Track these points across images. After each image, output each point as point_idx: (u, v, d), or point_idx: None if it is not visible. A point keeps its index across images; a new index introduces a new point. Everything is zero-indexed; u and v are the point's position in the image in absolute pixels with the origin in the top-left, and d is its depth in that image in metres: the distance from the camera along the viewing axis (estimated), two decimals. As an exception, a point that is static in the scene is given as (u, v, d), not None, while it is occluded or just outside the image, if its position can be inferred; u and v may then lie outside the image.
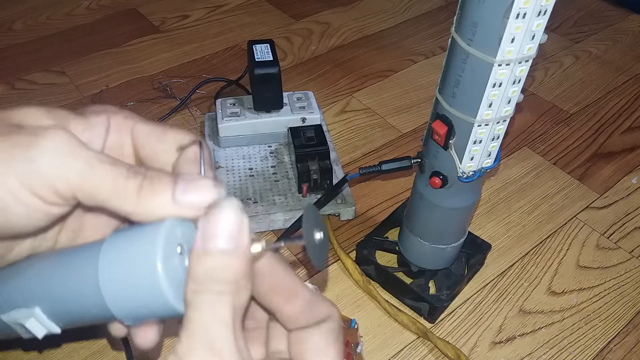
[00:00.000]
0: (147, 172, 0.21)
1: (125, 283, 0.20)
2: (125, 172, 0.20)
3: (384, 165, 0.43)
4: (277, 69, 0.55)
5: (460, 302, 0.49)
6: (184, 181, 0.21)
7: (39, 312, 0.22)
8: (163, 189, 0.20)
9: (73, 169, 0.20)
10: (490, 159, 0.37)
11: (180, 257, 0.21)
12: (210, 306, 0.19)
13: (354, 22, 0.86)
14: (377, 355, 0.45)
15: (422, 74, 0.76)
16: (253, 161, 0.58)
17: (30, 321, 0.22)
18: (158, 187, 0.20)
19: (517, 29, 0.29)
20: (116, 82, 0.72)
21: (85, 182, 0.20)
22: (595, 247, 0.54)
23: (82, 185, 0.20)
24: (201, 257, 0.19)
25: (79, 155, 0.20)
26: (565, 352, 0.45)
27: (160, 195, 0.20)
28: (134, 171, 0.20)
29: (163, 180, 0.20)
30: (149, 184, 0.20)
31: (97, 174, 0.20)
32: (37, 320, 0.22)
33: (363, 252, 0.49)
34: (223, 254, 0.19)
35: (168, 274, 0.20)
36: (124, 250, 0.20)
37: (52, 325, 0.23)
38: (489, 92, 0.32)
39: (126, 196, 0.20)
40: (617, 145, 0.66)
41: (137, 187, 0.20)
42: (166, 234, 0.20)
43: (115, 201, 0.20)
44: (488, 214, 0.57)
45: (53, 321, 0.23)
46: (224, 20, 0.85)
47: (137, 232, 0.21)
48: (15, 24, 0.83)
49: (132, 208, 0.20)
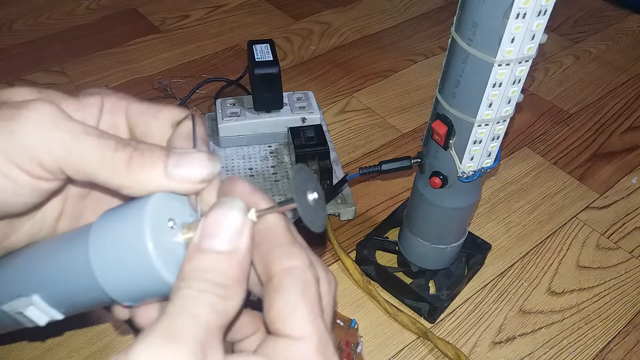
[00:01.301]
0: (138, 144, 0.20)
1: (117, 262, 0.20)
2: (113, 144, 0.19)
3: (384, 165, 0.43)
4: (277, 69, 0.55)
5: (460, 302, 0.49)
6: (176, 154, 0.20)
7: (37, 299, 0.22)
8: (154, 162, 0.19)
9: (57, 141, 0.19)
10: (490, 159, 0.37)
11: (171, 232, 0.20)
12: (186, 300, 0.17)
13: (354, 22, 0.86)
14: (377, 355, 0.45)
15: (422, 74, 0.76)
16: (253, 161, 0.58)
17: (30, 309, 0.22)
18: (149, 159, 0.19)
19: (517, 29, 0.29)
20: (116, 82, 0.72)
21: (71, 154, 0.19)
22: (595, 247, 0.54)
23: (67, 158, 0.19)
24: (193, 254, 0.18)
25: (63, 126, 0.19)
26: (565, 352, 0.45)
27: (151, 168, 0.19)
28: (123, 143, 0.20)
29: (154, 153, 0.20)
30: (139, 155, 0.19)
31: (83, 146, 0.19)
32: (37, 307, 0.22)
33: (363, 252, 0.49)
34: (216, 254, 0.18)
35: (158, 249, 0.19)
36: (112, 229, 0.20)
37: (53, 312, 0.22)
38: (489, 92, 0.32)
39: (115, 168, 0.19)
40: (617, 145, 0.66)
41: (127, 159, 0.19)
42: (154, 208, 0.19)
43: (103, 174, 0.19)
44: (488, 214, 0.57)
45: (54, 307, 0.22)
46: (224, 20, 0.85)
47: (125, 209, 0.20)
48: (15, 24, 0.83)
49: (121, 181, 0.19)
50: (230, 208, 0.19)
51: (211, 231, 0.19)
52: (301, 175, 0.20)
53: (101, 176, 0.19)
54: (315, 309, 0.19)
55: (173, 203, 0.20)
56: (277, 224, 0.20)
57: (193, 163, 0.20)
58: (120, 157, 0.19)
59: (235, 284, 0.18)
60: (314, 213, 0.20)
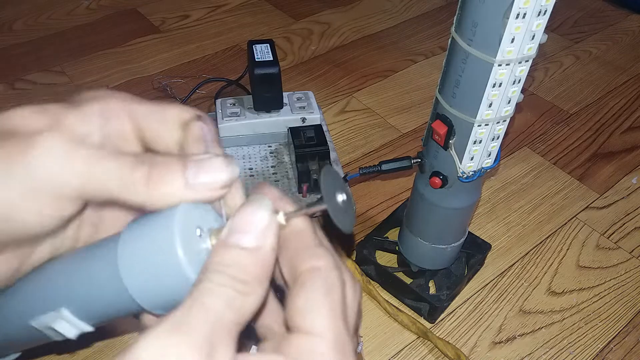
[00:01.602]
0: (154, 159, 0.20)
1: (147, 273, 0.20)
2: (129, 164, 0.19)
3: (384, 165, 0.43)
4: (277, 69, 0.55)
5: (460, 302, 0.49)
6: (194, 163, 0.20)
7: (66, 313, 0.22)
8: (173, 176, 0.19)
9: (73, 171, 0.19)
10: (490, 159, 0.37)
11: (199, 240, 0.20)
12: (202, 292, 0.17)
13: (354, 22, 0.86)
14: (377, 355, 0.45)
15: (422, 74, 0.76)
16: (253, 161, 0.58)
17: (59, 323, 0.22)
18: (167, 174, 0.19)
19: (517, 29, 0.29)
20: (116, 82, 0.72)
21: (89, 182, 0.19)
22: (595, 247, 0.54)
23: (86, 185, 0.19)
24: (218, 249, 0.19)
25: (76, 156, 0.19)
26: (565, 352, 0.45)
27: (172, 182, 0.19)
28: (139, 161, 0.20)
29: (172, 167, 0.20)
30: (157, 172, 0.19)
31: (99, 171, 0.19)
32: (66, 321, 0.22)
33: (363, 252, 0.49)
34: (240, 250, 0.18)
35: (189, 258, 0.19)
36: (141, 240, 0.20)
37: (83, 325, 0.22)
38: (489, 92, 0.32)
39: (135, 188, 0.19)
40: (617, 145, 0.66)
41: (145, 177, 0.19)
42: (182, 219, 0.19)
43: (124, 194, 0.19)
44: (488, 214, 0.57)
45: (83, 320, 0.22)
46: (224, 20, 0.85)
47: (153, 221, 0.20)
48: (15, 24, 0.83)
49: (143, 199, 0.19)
50: (259, 207, 0.19)
51: (239, 228, 0.19)
52: (329, 176, 0.20)
53: (123, 197, 0.20)
54: (337, 310, 0.19)
55: (198, 210, 0.20)
56: (304, 227, 0.21)
57: (212, 170, 0.20)
58: (139, 177, 0.19)
59: (255, 282, 0.18)
60: (343, 214, 0.20)
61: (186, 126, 0.22)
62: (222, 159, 0.20)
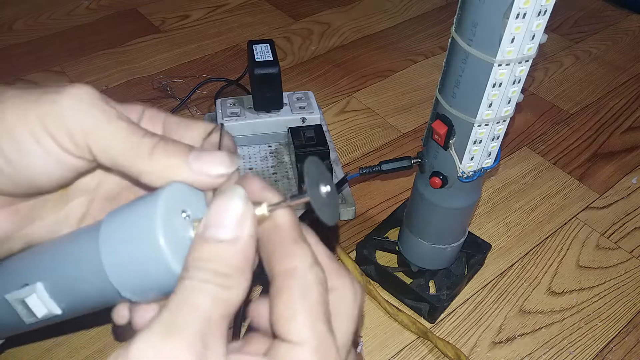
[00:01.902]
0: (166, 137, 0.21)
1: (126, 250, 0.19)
2: (142, 132, 0.21)
3: (384, 165, 0.43)
4: (277, 69, 0.55)
5: (460, 302, 0.49)
6: (199, 150, 0.21)
7: (40, 287, 0.22)
8: (176, 152, 0.20)
9: (90, 117, 0.20)
10: (490, 159, 0.37)
11: (184, 223, 0.20)
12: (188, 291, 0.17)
13: (354, 22, 0.86)
14: (377, 355, 0.45)
15: (422, 74, 0.76)
16: (253, 161, 0.58)
17: (31, 297, 0.22)
18: (172, 149, 0.21)
19: (517, 29, 0.29)
20: (116, 82, 0.72)
21: (100, 132, 0.20)
22: (595, 247, 0.54)
23: (96, 135, 0.20)
24: (196, 244, 0.18)
25: (99, 107, 0.20)
26: (565, 352, 0.45)
27: (173, 157, 0.20)
28: (151, 134, 0.21)
29: (178, 146, 0.21)
30: (163, 145, 0.21)
31: (113, 127, 0.20)
32: (38, 296, 0.22)
33: (363, 252, 0.49)
34: (218, 243, 0.18)
35: (168, 234, 0.19)
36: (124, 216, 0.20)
37: (53, 305, 0.22)
38: (489, 92, 0.32)
39: (139, 152, 0.20)
40: (617, 145, 0.66)
41: (151, 146, 0.20)
42: (170, 194, 0.19)
43: (127, 157, 0.20)
44: (488, 214, 0.57)
45: (55, 300, 0.22)
46: (224, 20, 0.86)
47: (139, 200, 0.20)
48: (16, 24, 0.83)
49: (143, 166, 0.20)
50: (231, 197, 0.19)
51: (214, 220, 0.19)
52: (313, 167, 0.20)
53: (125, 160, 0.20)
54: (316, 312, 0.18)
55: (190, 197, 0.21)
56: (284, 221, 0.20)
57: (213, 159, 0.21)
58: (146, 143, 0.20)
59: (238, 273, 0.18)
60: (326, 206, 0.20)
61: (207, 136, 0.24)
62: (226, 154, 0.21)
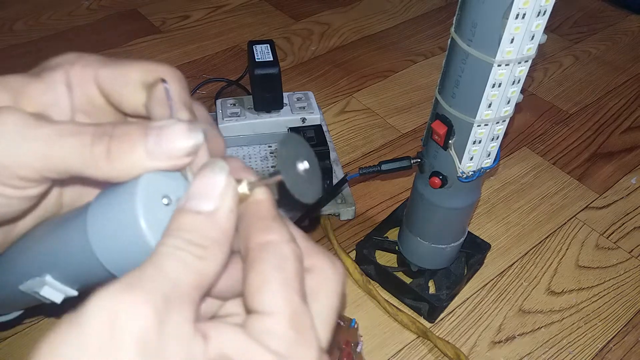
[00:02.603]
0: (114, 130, 0.19)
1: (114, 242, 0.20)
2: (89, 139, 0.18)
3: (384, 165, 0.43)
4: (277, 70, 0.55)
5: (459, 302, 0.49)
6: (154, 131, 0.19)
7: (50, 279, 0.22)
8: (132, 146, 0.18)
9: (32, 152, 0.18)
10: (489, 159, 0.38)
11: (167, 209, 0.20)
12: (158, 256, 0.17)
13: (354, 23, 0.86)
14: (377, 354, 0.45)
15: (422, 74, 0.76)
16: (253, 161, 0.58)
17: (44, 289, 0.22)
18: (127, 145, 0.18)
19: (517, 30, 0.29)
20: (116, 82, 0.72)
21: (49, 160, 0.18)
22: (595, 247, 0.54)
23: (47, 165, 0.19)
24: (176, 216, 0.18)
25: (33, 135, 0.18)
26: (565, 352, 0.46)
27: (132, 153, 0.18)
28: (99, 134, 0.19)
29: (132, 137, 0.19)
30: (116, 144, 0.18)
31: (59, 149, 0.18)
32: (51, 286, 0.22)
33: (363, 252, 0.49)
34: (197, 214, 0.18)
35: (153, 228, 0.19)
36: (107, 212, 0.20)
37: (68, 289, 0.23)
38: (489, 92, 0.32)
39: (97, 163, 0.18)
40: (616, 145, 0.66)
41: (105, 151, 0.18)
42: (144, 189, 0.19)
43: (87, 171, 0.19)
44: (488, 213, 0.57)
45: (67, 285, 0.23)
46: (224, 20, 0.86)
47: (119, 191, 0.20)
48: (16, 24, 0.83)
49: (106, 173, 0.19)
50: (214, 170, 0.18)
51: (195, 192, 0.18)
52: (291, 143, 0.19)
53: (86, 172, 0.19)
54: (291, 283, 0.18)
55: (166, 180, 0.20)
56: (261, 198, 0.20)
57: (173, 137, 0.19)
58: (99, 152, 0.18)
59: (214, 245, 0.18)
60: (305, 183, 0.19)
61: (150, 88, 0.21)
62: (184, 125, 0.19)
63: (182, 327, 0.16)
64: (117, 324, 0.15)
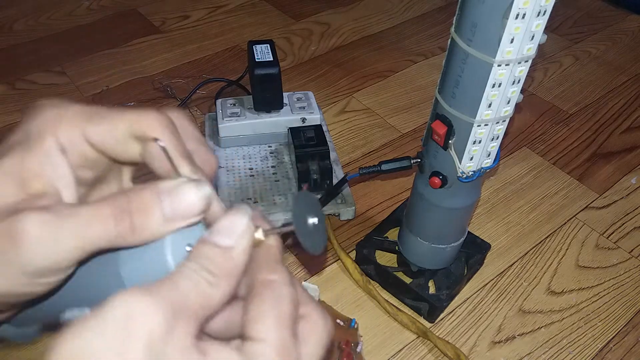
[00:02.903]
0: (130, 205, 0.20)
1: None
2: (112, 222, 0.20)
3: (384, 165, 0.43)
4: (277, 70, 0.55)
5: (459, 302, 0.49)
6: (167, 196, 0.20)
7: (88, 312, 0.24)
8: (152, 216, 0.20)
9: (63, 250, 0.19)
10: (489, 159, 0.38)
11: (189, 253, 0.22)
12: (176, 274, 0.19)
13: (354, 23, 0.86)
14: (377, 354, 0.45)
15: (422, 74, 0.76)
16: (253, 161, 0.58)
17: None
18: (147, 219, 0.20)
19: (517, 30, 0.29)
20: (117, 82, 0.72)
21: (79, 250, 0.20)
22: (595, 247, 0.54)
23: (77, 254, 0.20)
24: (198, 244, 0.20)
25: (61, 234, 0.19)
26: (565, 352, 0.46)
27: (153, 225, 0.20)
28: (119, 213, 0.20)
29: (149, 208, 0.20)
30: (138, 219, 0.20)
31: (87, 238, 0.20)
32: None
33: (363, 252, 0.49)
34: (215, 247, 0.20)
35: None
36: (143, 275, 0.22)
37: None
38: (489, 92, 0.32)
39: (125, 238, 0.20)
40: (616, 145, 0.66)
41: (129, 227, 0.20)
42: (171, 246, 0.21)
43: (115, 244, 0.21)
44: (488, 213, 0.57)
45: None
46: (225, 20, 0.86)
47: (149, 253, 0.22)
48: (16, 24, 0.83)
49: (134, 243, 0.21)
50: (239, 213, 0.21)
51: (219, 229, 0.21)
52: (303, 200, 0.22)
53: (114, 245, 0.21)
54: (283, 320, 0.20)
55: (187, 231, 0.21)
56: (272, 244, 0.22)
57: (184, 199, 0.21)
58: (123, 230, 0.20)
59: (223, 276, 0.20)
60: (312, 236, 0.22)
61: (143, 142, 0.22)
62: (192, 185, 0.21)
63: (185, 339, 0.18)
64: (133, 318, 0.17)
